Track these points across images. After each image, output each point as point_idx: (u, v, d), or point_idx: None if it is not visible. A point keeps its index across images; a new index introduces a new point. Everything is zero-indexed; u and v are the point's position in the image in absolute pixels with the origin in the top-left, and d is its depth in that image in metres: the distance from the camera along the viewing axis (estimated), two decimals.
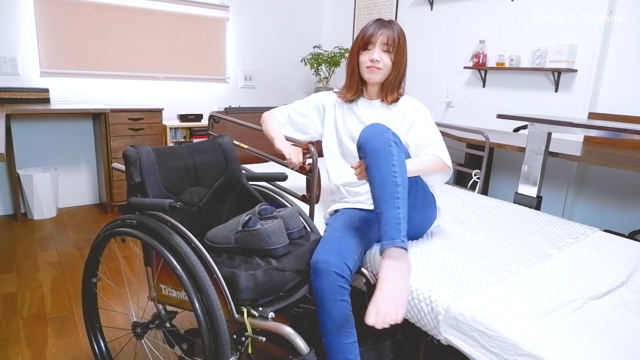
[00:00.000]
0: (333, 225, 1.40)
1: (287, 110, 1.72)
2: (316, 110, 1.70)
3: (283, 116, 1.72)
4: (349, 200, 1.56)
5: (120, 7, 3.38)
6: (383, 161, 1.20)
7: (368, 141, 1.23)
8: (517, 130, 2.48)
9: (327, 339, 1.20)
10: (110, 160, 3.16)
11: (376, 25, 1.47)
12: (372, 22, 1.50)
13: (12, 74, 3.04)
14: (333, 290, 1.18)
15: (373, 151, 1.21)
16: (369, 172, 1.22)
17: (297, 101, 1.74)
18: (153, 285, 1.25)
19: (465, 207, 1.88)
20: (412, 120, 1.53)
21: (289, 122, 1.72)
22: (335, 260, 1.19)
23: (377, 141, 1.22)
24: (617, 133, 1.84)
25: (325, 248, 1.25)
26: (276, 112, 1.73)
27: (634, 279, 1.27)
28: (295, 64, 4.35)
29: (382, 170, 1.19)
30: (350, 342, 1.19)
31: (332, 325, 1.18)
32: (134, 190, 1.26)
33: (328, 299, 1.18)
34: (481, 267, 1.29)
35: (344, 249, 1.25)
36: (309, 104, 1.71)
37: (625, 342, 0.96)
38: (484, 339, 1.01)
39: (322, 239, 1.33)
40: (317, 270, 1.19)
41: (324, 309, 1.19)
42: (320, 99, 1.70)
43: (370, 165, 1.21)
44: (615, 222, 2.61)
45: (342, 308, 1.18)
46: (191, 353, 1.35)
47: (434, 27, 3.53)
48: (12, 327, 1.82)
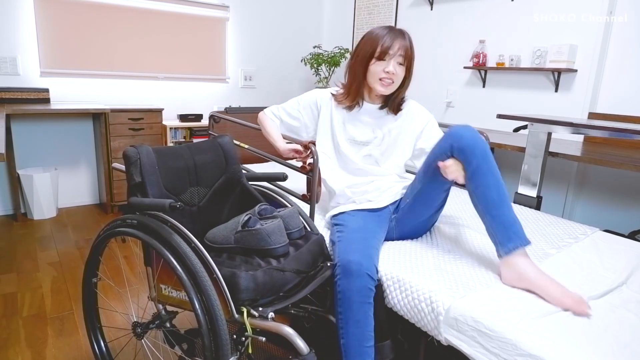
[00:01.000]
0: (349, 226, 1.37)
1: (279, 112, 1.69)
2: (309, 110, 1.64)
3: (276, 117, 1.69)
4: (356, 200, 1.52)
5: (120, 7, 3.38)
6: (493, 164, 1.21)
7: (476, 144, 1.22)
8: (517, 130, 2.48)
9: (347, 341, 1.19)
10: (110, 160, 3.16)
11: (391, 35, 1.40)
12: (385, 30, 1.43)
13: (12, 74, 3.04)
14: (363, 293, 1.17)
15: (484, 153, 1.21)
16: (481, 174, 1.20)
17: (291, 100, 1.69)
18: (153, 285, 1.25)
19: (465, 207, 1.88)
20: (422, 126, 1.55)
21: (281, 123, 1.69)
22: (367, 262, 1.19)
23: (483, 143, 1.23)
24: (617, 133, 1.84)
25: (354, 248, 1.23)
26: (269, 113, 1.71)
27: (633, 279, 1.27)
28: (295, 64, 4.35)
29: (495, 174, 1.21)
30: (370, 345, 1.19)
31: (355, 328, 1.18)
32: (134, 190, 1.26)
33: (355, 301, 1.17)
34: (481, 267, 1.29)
35: (371, 251, 1.25)
36: (301, 104, 1.65)
37: (624, 342, 0.96)
38: (484, 340, 1.01)
39: (343, 239, 1.31)
40: (349, 271, 1.18)
41: (350, 311, 1.18)
42: (314, 98, 1.63)
43: (481, 167, 1.20)
44: (615, 222, 2.61)
45: (367, 311, 1.18)
46: (191, 353, 1.35)
47: (434, 27, 3.53)
48: (12, 327, 1.82)
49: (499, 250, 1.19)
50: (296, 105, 1.66)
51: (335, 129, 1.58)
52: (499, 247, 1.19)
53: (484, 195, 1.21)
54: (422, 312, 1.15)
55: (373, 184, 1.52)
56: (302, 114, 1.65)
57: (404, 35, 1.43)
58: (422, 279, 1.20)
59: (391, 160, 1.57)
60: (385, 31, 1.42)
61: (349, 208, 1.49)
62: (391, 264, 1.29)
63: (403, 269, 1.26)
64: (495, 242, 1.21)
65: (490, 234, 1.23)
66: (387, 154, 1.57)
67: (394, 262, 1.31)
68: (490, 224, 1.21)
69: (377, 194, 1.51)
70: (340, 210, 1.50)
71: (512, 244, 1.16)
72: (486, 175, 1.20)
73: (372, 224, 1.39)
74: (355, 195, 1.52)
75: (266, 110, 1.73)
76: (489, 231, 1.23)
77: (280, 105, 1.70)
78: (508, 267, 1.17)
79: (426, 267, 1.27)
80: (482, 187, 1.21)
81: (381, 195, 1.50)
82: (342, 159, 1.58)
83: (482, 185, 1.21)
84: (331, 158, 1.60)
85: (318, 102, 1.62)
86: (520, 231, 1.18)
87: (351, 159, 1.56)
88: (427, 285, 1.17)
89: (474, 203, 1.26)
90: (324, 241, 1.37)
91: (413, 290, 1.18)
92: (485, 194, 1.20)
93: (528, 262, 1.15)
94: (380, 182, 1.53)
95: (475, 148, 1.22)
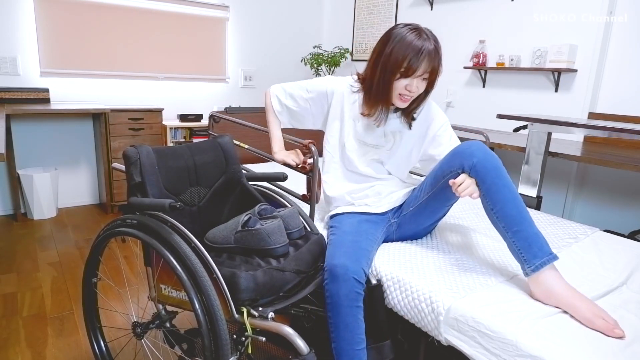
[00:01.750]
0: (342, 228, 1.36)
1: (286, 101, 1.58)
2: (317, 101, 1.53)
3: (280, 104, 1.60)
4: (355, 202, 1.50)
5: (120, 7, 3.38)
6: (508, 179, 1.19)
7: (488, 161, 1.20)
8: (517, 130, 2.48)
9: (338, 345, 1.19)
10: (110, 160, 3.16)
11: (421, 53, 1.26)
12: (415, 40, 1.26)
13: (12, 74, 3.04)
14: (350, 297, 1.16)
15: (497, 169, 1.20)
16: (495, 191, 1.18)
17: (299, 85, 1.56)
18: (153, 285, 1.25)
19: (465, 207, 1.88)
20: (434, 131, 1.49)
21: (285, 110, 1.60)
22: (353, 266, 1.17)
23: (496, 160, 1.21)
24: (617, 133, 1.84)
25: (342, 252, 1.22)
26: (274, 99, 1.61)
27: (633, 279, 1.27)
28: (295, 64, 4.35)
29: (511, 189, 1.19)
30: (361, 348, 1.18)
31: (345, 332, 1.17)
32: (134, 190, 1.26)
33: (344, 305, 1.16)
34: (482, 267, 1.29)
35: (360, 254, 1.23)
36: (310, 92, 1.53)
37: (625, 343, 0.96)
38: (485, 340, 1.01)
39: (334, 241, 1.30)
40: (335, 275, 1.17)
41: (339, 315, 1.17)
42: (324, 88, 1.51)
43: (497, 184, 1.19)
44: (615, 222, 2.61)
45: (357, 314, 1.18)
46: (191, 353, 1.35)
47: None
48: (12, 327, 1.82)
49: (525, 268, 1.13)
50: (305, 93, 1.54)
51: (344, 127, 1.49)
52: (525, 265, 1.13)
53: (502, 212, 1.18)
54: (423, 312, 1.15)
55: (374, 189, 1.49)
56: (310, 104, 1.54)
57: (438, 53, 1.29)
58: (423, 279, 1.20)
59: (398, 165, 1.52)
60: (416, 42, 1.26)
61: (347, 210, 1.48)
62: (391, 264, 1.29)
63: (403, 269, 1.26)
64: (520, 260, 1.15)
65: (513, 252, 1.17)
66: (395, 158, 1.50)
67: (394, 262, 1.31)
68: (512, 242, 1.16)
69: (377, 199, 1.48)
70: (337, 212, 1.49)
71: (538, 261, 1.11)
72: (502, 191, 1.18)
73: (366, 226, 1.38)
74: (354, 199, 1.50)
75: (273, 91, 1.61)
76: (511, 249, 1.18)
77: (288, 89, 1.58)
78: (537, 285, 1.11)
79: (426, 268, 1.27)
80: (500, 204, 1.18)
81: (381, 200, 1.48)
82: (346, 162, 1.51)
83: (500, 202, 1.18)
84: (335, 160, 1.52)
85: (329, 93, 1.50)
86: (545, 246, 1.13)
87: (356, 164, 1.49)
88: (428, 286, 1.17)
89: (493, 221, 1.22)
90: (324, 241, 1.37)
91: (413, 291, 1.18)
92: (504, 210, 1.17)
93: (557, 279, 1.10)
94: (381, 187, 1.49)
95: (488, 165, 1.19)
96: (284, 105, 1.60)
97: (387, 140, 1.48)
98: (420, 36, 1.28)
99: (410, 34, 1.28)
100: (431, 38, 1.29)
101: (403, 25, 1.32)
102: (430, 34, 1.31)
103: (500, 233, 1.21)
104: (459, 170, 1.24)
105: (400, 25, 1.33)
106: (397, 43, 1.28)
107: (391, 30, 1.33)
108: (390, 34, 1.32)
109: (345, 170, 1.53)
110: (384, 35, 1.34)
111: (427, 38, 1.28)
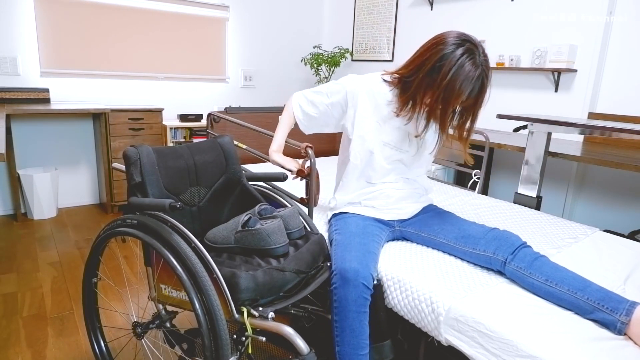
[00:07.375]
0: (348, 228, 1.35)
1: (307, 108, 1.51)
2: (338, 107, 1.46)
3: (302, 112, 1.53)
4: (362, 202, 1.48)
5: (120, 7, 3.38)
6: (546, 258, 1.20)
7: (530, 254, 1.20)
8: (517, 130, 2.48)
9: (342, 349, 1.19)
10: (111, 160, 3.16)
11: (483, 87, 1.23)
12: (474, 75, 1.19)
13: (12, 74, 3.04)
14: (359, 302, 1.17)
15: (534, 256, 1.19)
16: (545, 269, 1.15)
17: (322, 89, 1.49)
18: (153, 285, 1.25)
19: (465, 207, 1.88)
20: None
21: (306, 117, 1.53)
22: (363, 271, 1.17)
23: (530, 249, 1.22)
24: (616, 133, 1.84)
25: (352, 256, 1.21)
26: (296, 107, 1.53)
27: (633, 279, 1.27)
28: (295, 64, 4.35)
29: (551, 263, 1.18)
30: (364, 353, 1.19)
31: (350, 337, 1.18)
32: (134, 190, 1.26)
33: (351, 310, 1.17)
34: (482, 268, 1.29)
35: (369, 258, 1.23)
36: (332, 96, 1.46)
37: (625, 343, 0.96)
38: (485, 340, 1.01)
39: (340, 242, 1.29)
40: (346, 280, 1.17)
41: (346, 320, 1.17)
42: (348, 90, 1.43)
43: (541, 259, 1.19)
44: (615, 222, 2.61)
45: (363, 320, 1.18)
46: (191, 353, 1.35)
47: (434, 27, 3.53)
48: (12, 327, 1.82)
49: (616, 316, 1.01)
50: (325, 99, 1.47)
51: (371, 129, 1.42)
52: (614, 314, 1.01)
53: (562, 283, 1.11)
54: (423, 313, 1.15)
55: (383, 192, 1.46)
56: (331, 109, 1.47)
57: (486, 77, 1.23)
58: (423, 279, 1.20)
59: (419, 164, 1.49)
60: (472, 74, 1.18)
61: (353, 210, 1.46)
62: (391, 264, 1.29)
63: (403, 269, 1.26)
64: (605, 317, 1.03)
65: (586, 312, 1.06)
66: (417, 158, 1.47)
67: (394, 262, 1.31)
68: (587, 300, 1.06)
69: (385, 202, 1.45)
70: (342, 210, 1.49)
71: (625, 304, 1.02)
72: (547, 263, 1.16)
73: (372, 227, 1.37)
74: (361, 199, 1.48)
75: (295, 99, 1.54)
76: (584, 309, 1.06)
77: (309, 96, 1.51)
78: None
79: (426, 268, 1.27)
80: (557, 279, 1.12)
81: (389, 205, 1.45)
82: (369, 164, 1.44)
83: (555, 278, 1.12)
84: (357, 162, 1.45)
85: (349, 96, 1.42)
86: (615, 293, 1.07)
87: (375, 167, 1.43)
88: (428, 286, 1.17)
89: (557, 299, 1.11)
90: (324, 241, 1.37)
91: (413, 291, 1.18)
92: (564, 280, 1.11)
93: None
94: (392, 191, 1.46)
95: (527, 256, 1.19)
96: (305, 113, 1.53)
97: (411, 143, 1.44)
98: (474, 63, 1.19)
99: (467, 62, 1.18)
100: (483, 58, 1.22)
101: (454, 44, 1.19)
102: (482, 51, 1.22)
103: (564, 300, 1.09)
104: (491, 255, 1.24)
105: (450, 41, 1.20)
106: (455, 75, 1.18)
107: (442, 46, 1.20)
108: (447, 58, 1.19)
109: (364, 172, 1.47)
110: (434, 49, 1.22)
111: (480, 65, 1.20)
